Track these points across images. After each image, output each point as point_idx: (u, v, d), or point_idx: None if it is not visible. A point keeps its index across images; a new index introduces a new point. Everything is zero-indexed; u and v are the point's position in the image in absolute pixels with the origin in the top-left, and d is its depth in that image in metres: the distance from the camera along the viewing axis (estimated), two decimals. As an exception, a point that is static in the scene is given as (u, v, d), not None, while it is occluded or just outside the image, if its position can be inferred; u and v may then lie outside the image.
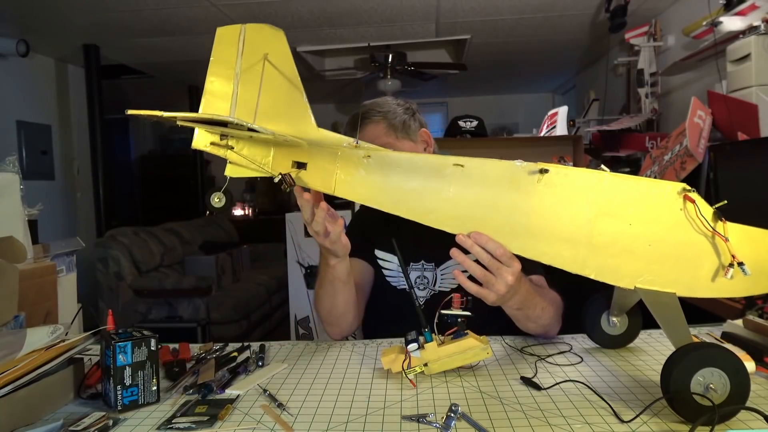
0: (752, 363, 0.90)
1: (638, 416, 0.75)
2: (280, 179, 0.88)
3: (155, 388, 0.85)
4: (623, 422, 0.75)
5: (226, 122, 0.83)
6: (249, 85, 0.87)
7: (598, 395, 0.83)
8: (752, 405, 0.73)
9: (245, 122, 0.83)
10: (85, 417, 0.79)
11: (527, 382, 0.90)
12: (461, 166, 0.87)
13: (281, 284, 4.50)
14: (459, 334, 0.94)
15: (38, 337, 0.87)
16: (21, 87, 4.24)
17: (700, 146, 2.16)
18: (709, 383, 0.73)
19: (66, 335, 0.91)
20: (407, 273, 1.03)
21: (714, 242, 0.82)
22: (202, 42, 4.11)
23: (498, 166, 0.87)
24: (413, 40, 4.42)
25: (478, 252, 0.89)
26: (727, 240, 0.81)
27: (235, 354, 1.06)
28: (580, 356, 1.03)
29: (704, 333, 1.10)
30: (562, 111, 3.49)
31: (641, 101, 3.70)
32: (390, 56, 4.58)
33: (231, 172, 0.89)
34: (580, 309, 1.10)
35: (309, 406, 0.83)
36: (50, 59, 4.60)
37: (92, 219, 4.41)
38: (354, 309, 1.21)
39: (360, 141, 0.91)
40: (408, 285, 1.01)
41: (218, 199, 0.90)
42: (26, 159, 4.22)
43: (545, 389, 0.87)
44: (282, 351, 1.11)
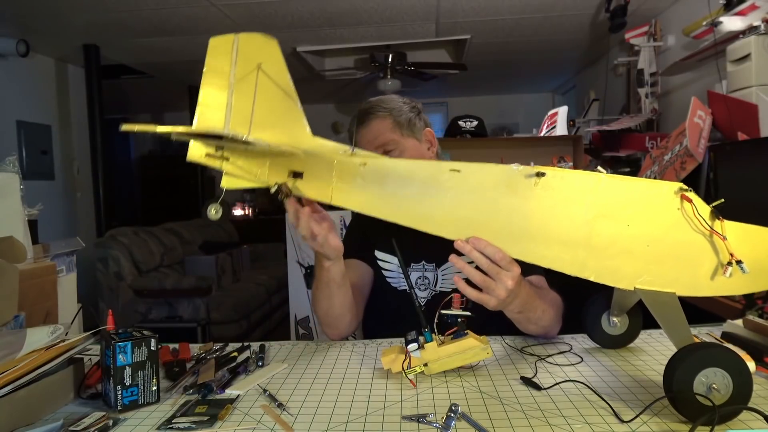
0: (752, 363, 0.90)
1: (638, 416, 0.75)
2: (277, 189, 0.88)
3: (155, 388, 0.85)
4: (623, 422, 0.75)
5: (221, 135, 0.82)
6: (243, 95, 0.86)
7: (598, 395, 0.83)
8: (752, 405, 0.73)
9: (240, 135, 0.82)
10: (85, 417, 0.79)
11: (527, 382, 0.90)
12: (458, 172, 0.87)
13: (281, 284, 4.50)
14: (459, 334, 0.94)
15: (38, 337, 0.87)
16: (21, 87, 4.24)
17: (700, 146, 2.16)
18: (712, 383, 0.73)
19: (66, 335, 0.91)
20: (407, 273, 1.02)
21: (712, 241, 0.82)
22: (202, 42, 4.02)
23: (495, 171, 0.86)
24: (413, 40, 4.42)
25: (477, 257, 0.88)
26: (725, 238, 0.81)
27: (235, 354, 1.06)
28: (580, 356, 1.03)
29: (704, 333, 1.10)
30: (562, 111, 3.49)
31: (641, 101, 3.70)
32: (390, 56, 4.58)
33: (227, 184, 0.88)
34: (581, 309, 1.10)
35: (309, 406, 0.83)
36: (50, 59, 4.60)
37: (92, 219, 4.42)
38: (351, 311, 1.20)
39: (356, 148, 0.91)
40: (408, 285, 1.01)
41: (215, 211, 0.90)
42: (26, 159, 4.23)
43: (545, 389, 0.87)
44: (282, 351, 1.11)
